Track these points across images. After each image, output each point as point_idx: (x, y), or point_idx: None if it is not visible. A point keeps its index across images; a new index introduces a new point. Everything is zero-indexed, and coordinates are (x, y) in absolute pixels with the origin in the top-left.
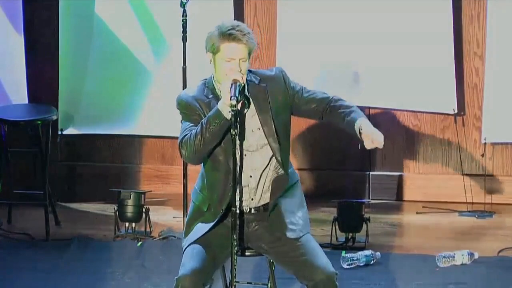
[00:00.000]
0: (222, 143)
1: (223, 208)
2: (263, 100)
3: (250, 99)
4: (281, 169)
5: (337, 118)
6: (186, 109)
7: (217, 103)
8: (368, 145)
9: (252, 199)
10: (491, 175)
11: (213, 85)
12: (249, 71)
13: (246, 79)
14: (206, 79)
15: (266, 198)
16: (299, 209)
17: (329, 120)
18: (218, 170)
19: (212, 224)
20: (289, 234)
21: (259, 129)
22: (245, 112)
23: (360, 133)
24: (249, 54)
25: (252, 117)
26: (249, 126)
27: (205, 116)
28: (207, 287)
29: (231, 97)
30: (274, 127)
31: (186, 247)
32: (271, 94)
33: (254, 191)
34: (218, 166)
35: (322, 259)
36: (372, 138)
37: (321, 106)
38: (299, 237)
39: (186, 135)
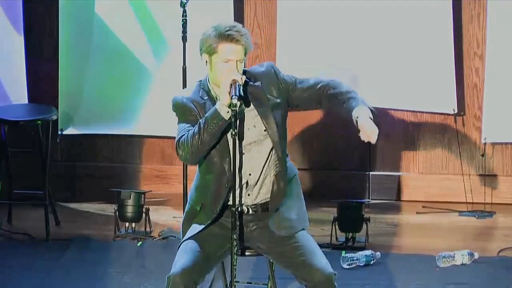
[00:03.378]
0: (217, 145)
1: (217, 209)
2: (260, 97)
3: (250, 98)
4: (279, 164)
5: (336, 106)
6: (182, 110)
7: (212, 105)
8: (364, 138)
9: (249, 195)
10: (491, 175)
11: (208, 86)
12: (243, 70)
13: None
14: (201, 80)
15: (263, 195)
16: (295, 205)
17: (328, 107)
18: (212, 172)
19: (206, 224)
20: (282, 233)
21: (255, 126)
22: (244, 110)
23: (357, 122)
24: (245, 54)
25: (249, 115)
26: (246, 124)
27: (201, 117)
28: (207, 286)
29: (232, 96)
30: (274, 119)
31: (180, 244)
32: (266, 90)
33: (252, 188)
34: (212, 168)
35: (320, 259)
36: (366, 132)
37: (318, 94)
38: (292, 235)
39: (184, 135)
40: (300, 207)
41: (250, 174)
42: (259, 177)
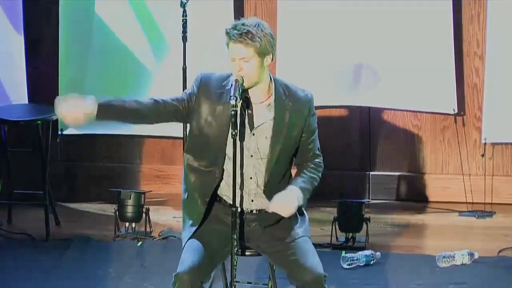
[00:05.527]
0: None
1: (206, 200)
2: (283, 116)
3: (273, 107)
4: (282, 182)
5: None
6: (193, 88)
7: (227, 97)
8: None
9: (253, 200)
10: (491, 175)
11: None
12: (282, 82)
13: (274, 88)
14: None
15: (263, 204)
16: (300, 215)
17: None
18: (204, 159)
19: (200, 218)
20: (288, 236)
21: (266, 138)
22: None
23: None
24: (258, 53)
25: (269, 125)
26: (263, 133)
27: (197, 104)
28: (207, 285)
29: (230, 97)
30: (281, 145)
31: (185, 243)
32: (291, 114)
33: (254, 194)
34: (204, 156)
35: (312, 260)
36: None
37: (300, 160)
38: (296, 238)
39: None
40: (304, 218)
41: (251, 178)
42: (257, 184)
